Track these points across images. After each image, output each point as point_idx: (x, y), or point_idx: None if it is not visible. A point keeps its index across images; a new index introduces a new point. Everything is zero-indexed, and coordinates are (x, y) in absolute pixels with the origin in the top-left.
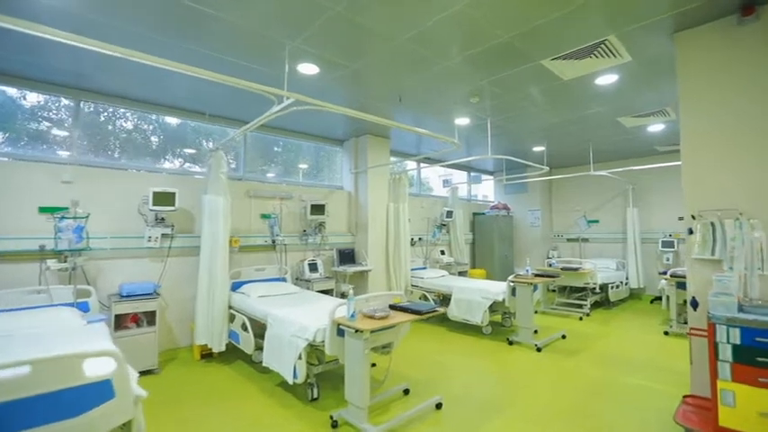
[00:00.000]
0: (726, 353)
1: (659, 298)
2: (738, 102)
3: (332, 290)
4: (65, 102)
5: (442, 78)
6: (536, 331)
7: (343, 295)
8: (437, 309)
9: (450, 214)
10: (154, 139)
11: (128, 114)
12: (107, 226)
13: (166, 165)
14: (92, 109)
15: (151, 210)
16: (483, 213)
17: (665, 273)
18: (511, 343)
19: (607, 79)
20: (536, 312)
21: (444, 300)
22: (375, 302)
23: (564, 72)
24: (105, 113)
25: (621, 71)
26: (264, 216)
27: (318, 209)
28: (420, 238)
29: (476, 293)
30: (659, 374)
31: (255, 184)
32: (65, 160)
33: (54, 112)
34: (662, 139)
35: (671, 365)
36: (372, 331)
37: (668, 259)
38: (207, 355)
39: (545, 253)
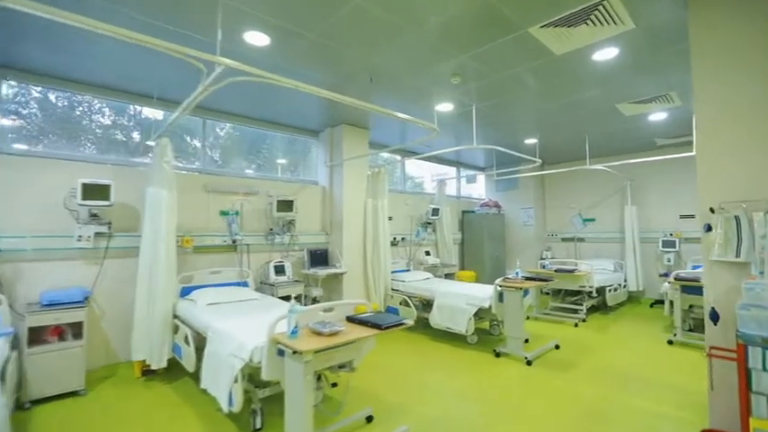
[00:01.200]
0: (763, 383)
1: (660, 302)
2: None
3: (301, 295)
4: None
5: (418, 53)
6: (527, 340)
7: (314, 300)
8: (403, 321)
9: (436, 212)
10: (97, 126)
11: (61, 96)
12: (28, 223)
13: (115, 155)
14: (14, 89)
15: (80, 205)
16: (472, 211)
17: (666, 275)
18: (498, 355)
19: (605, 54)
20: (527, 318)
21: (427, 305)
22: (332, 313)
23: (556, 45)
24: (27, 94)
25: (622, 43)
26: (224, 213)
27: (286, 205)
28: (403, 238)
29: (460, 299)
30: (667, 395)
31: (215, 177)
32: None
33: None
34: (663, 131)
35: (679, 383)
36: (317, 351)
37: (669, 260)
38: (149, 371)
39: (538, 253)
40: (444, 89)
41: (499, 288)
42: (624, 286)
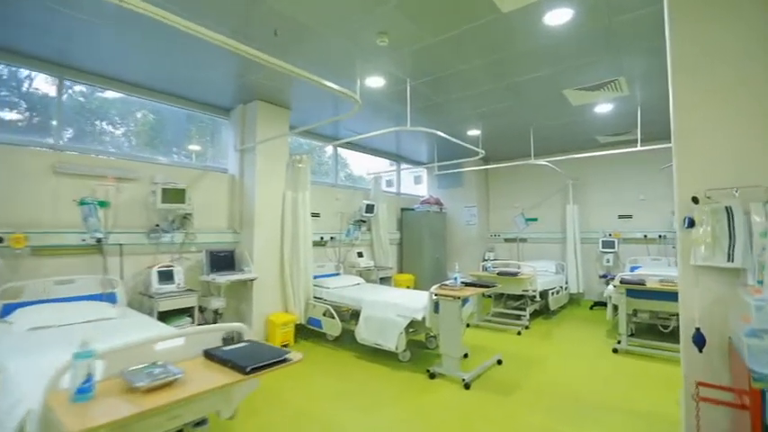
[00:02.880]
0: None
1: (600, 303)
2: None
3: (194, 308)
4: None
5: None
6: (466, 355)
7: (216, 313)
8: (285, 358)
9: (370, 209)
10: None
11: None
12: None
13: None
14: None
15: None
16: (412, 209)
17: (605, 276)
18: (432, 376)
19: (558, 17)
20: (468, 326)
21: (357, 315)
22: (182, 345)
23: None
24: None
25: (577, 3)
26: (83, 203)
27: (175, 195)
28: (332, 237)
29: (389, 310)
30: (622, 422)
31: (71, 155)
32: None
33: None
34: (606, 126)
35: (633, 405)
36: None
37: (608, 261)
38: None
39: (481, 254)
40: (371, 55)
41: (434, 297)
42: (565, 288)
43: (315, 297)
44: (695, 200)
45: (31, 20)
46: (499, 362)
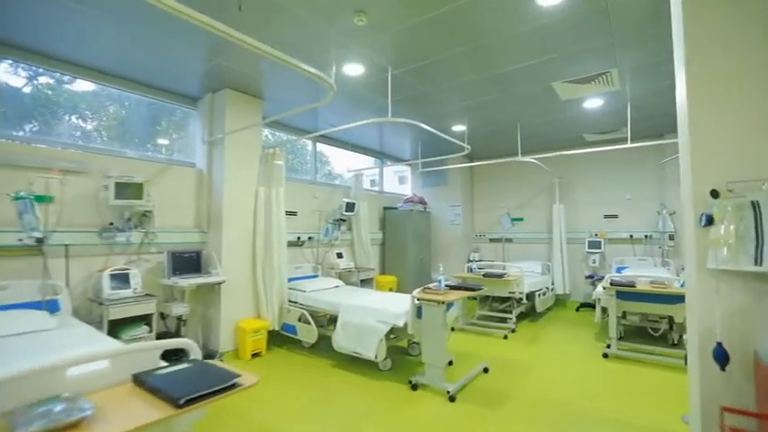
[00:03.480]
0: None
1: (587, 305)
2: None
3: (151, 315)
4: None
5: None
6: (451, 362)
7: (179, 320)
8: (233, 383)
9: (351, 207)
10: None
11: None
12: None
13: None
14: None
15: None
16: (395, 208)
17: (591, 277)
18: (415, 387)
19: None
20: (453, 330)
21: (334, 321)
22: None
23: None
24: None
25: None
26: (17, 197)
27: (131, 190)
28: (310, 237)
29: (368, 315)
30: None
31: (9, 144)
32: None
33: None
34: (594, 123)
35: (627, 417)
36: None
37: (594, 261)
38: None
39: (466, 255)
40: (348, 37)
41: (417, 301)
42: (552, 289)
43: (290, 301)
44: (714, 194)
45: None
46: (485, 370)
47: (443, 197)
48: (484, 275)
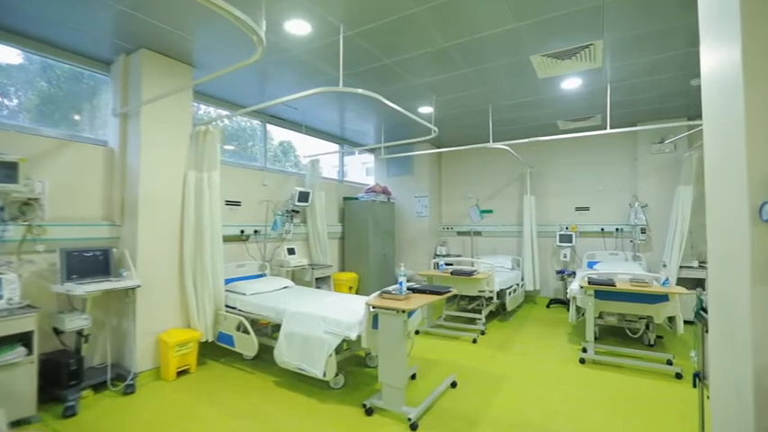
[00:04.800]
0: None
1: (557, 300)
2: None
3: (31, 332)
4: None
5: None
6: (414, 376)
7: (80, 336)
8: None
9: (304, 197)
10: None
11: None
12: None
13: None
14: None
15: None
16: (355, 198)
17: (562, 272)
18: (370, 411)
19: None
20: (417, 333)
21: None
22: None
23: None
24: None
25: None
26: None
27: (0, 171)
28: (256, 231)
29: (316, 325)
30: None
31: None
32: None
33: None
34: (570, 107)
35: None
36: None
37: (565, 256)
38: None
39: (432, 249)
40: None
41: (372, 309)
42: (522, 285)
43: (227, 306)
44: None
45: None
46: (453, 385)
47: (409, 187)
48: (452, 273)
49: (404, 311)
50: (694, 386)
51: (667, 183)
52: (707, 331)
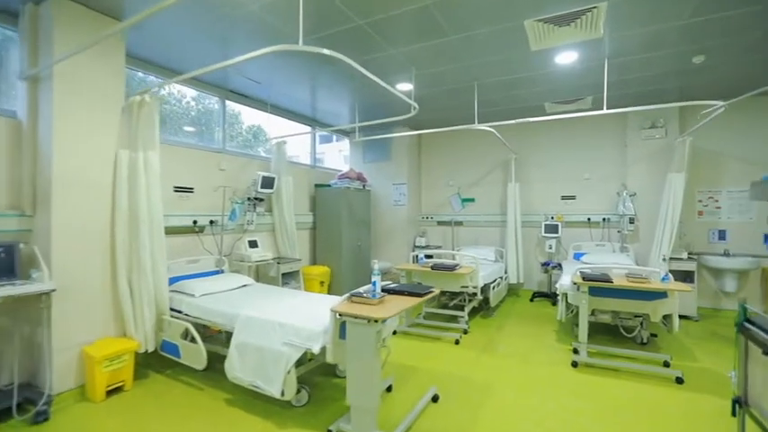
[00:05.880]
0: None
1: (541, 294)
2: None
3: None
4: None
5: None
6: (389, 388)
7: None
8: None
9: (269, 183)
10: None
11: None
12: None
13: None
14: None
15: None
16: (328, 185)
17: (546, 264)
18: None
19: None
20: (394, 333)
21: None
22: None
23: None
24: None
25: None
26: None
27: None
28: (212, 221)
29: (273, 334)
30: None
31: None
32: None
33: None
34: (561, 86)
35: None
36: None
37: (551, 247)
38: None
39: (411, 240)
40: None
41: (339, 317)
42: (505, 278)
43: (172, 310)
44: None
45: None
46: (434, 399)
47: (386, 174)
48: (432, 268)
49: (377, 321)
50: (734, 414)
51: (658, 170)
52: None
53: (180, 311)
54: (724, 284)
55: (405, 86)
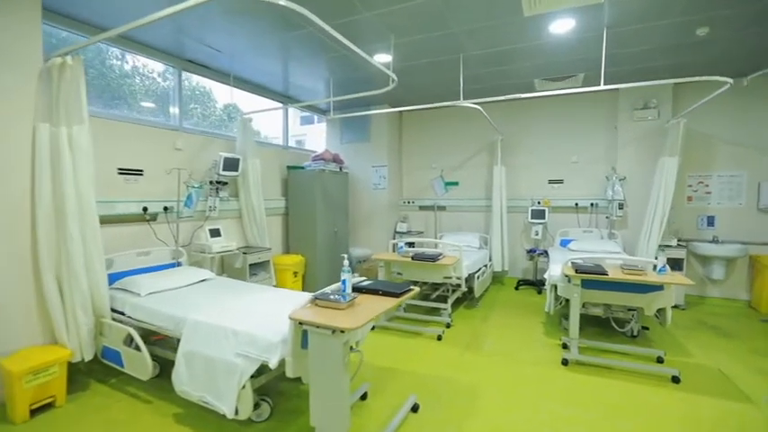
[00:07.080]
0: None
1: (527, 282)
2: None
3: None
4: None
5: None
6: (364, 396)
7: None
8: None
9: (233, 165)
10: None
11: None
12: None
13: None
14: None
15: None
16: (301, 167)
17: (532, 251)
18: None
19: None
20: (372, 329)
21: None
22: None
23: None
24: None
25: None
26: None
27: None
28: (167, 208)
29: (224, 342)
30: None
31: None
32: None
33: None
34: (553, 61)
35: None
36: None
37: (537, 233)
38: None
39: (392, 226)
40: None
41: (300, 326)
42: (490, 266)
43: (114, 311)
44: None
45: None
46: (414, 408)
47: (365, 156)
48: (413, 258)
49: (343, 331)
50: None
51: (649, 154)
52: None
53: (123, 314)
54: (711, 272)
55: (383, 57)
